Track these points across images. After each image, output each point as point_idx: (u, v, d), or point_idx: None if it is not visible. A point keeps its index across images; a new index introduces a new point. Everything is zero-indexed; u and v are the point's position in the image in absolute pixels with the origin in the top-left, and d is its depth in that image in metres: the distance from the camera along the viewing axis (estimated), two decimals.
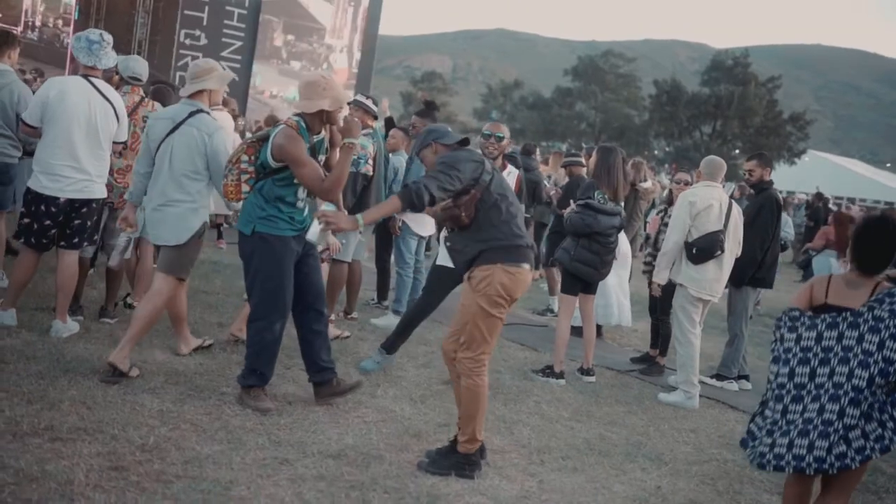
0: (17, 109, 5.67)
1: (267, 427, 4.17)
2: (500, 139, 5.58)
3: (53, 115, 5.04)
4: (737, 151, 52.20)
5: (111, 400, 4.21)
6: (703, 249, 5.91)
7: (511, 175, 5.65)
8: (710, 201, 6.02)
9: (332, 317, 6.49)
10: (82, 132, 5.12)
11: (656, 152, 53.52)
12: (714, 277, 5.98)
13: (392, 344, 5.54)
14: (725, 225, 6.04)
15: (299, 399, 4.68)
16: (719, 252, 5.93)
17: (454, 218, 3.95)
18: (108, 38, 5.32)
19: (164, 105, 6.21)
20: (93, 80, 5.21)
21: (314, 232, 4.01)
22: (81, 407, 4.04)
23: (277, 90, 17.11)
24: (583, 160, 8.35)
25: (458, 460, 3.95)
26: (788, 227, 12.37)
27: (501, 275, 3.85)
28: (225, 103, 9.70)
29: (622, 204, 6.34)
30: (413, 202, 3.77)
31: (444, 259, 5.24)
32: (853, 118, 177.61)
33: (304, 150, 4.30)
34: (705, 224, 5.96)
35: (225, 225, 10.32)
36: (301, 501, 3.42)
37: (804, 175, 42.79)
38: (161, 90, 6.77)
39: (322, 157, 4.52)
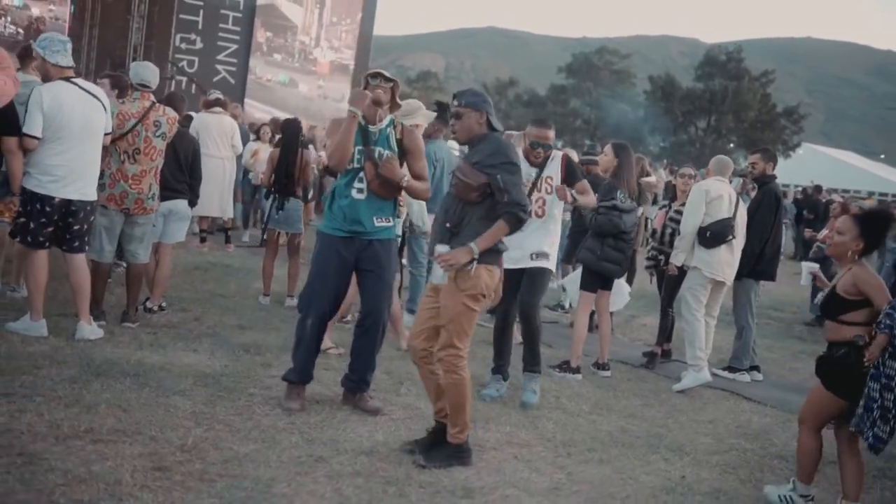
0: None
1: (298, 426, 4.26)
2: (548, 149, 5.41)
3: (52, 123, 5.07)
4: (731, 146, 52.40)
5: (145, 402, 4.29)
6: (716, 233, 6.28)
7: (555, 160, 5.46)
8: (721, 192, 6.43)
9: (349, 317, 6.57)
10: (80, 137, 5.20)
11: (651, 148, 53.66)
12: (725, 260, 6.35)
13: (499, 368, 5.43)
14: (734, 215, 6.43)
15: (326, 398, 4.76)
16: (731, 237, 6.32)
17: (468, 189, 3.96)
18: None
19: (176, 111, 6.29)
20: (74, 81, 5.26)
21: (439, 275, 4.03)
22: (117, 409, 4.12)
23: (271, 76, 19.35)
24: (598, 159, 8.43)
25: (452, 451, 4.03)
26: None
27: (485, 274, 3.99)
28: (224, 106, 9.81)
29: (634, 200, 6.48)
30: (522, 221, 3.97)
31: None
32: (844, 111, 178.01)
33: (333, 130, 4.54)
34: (718, 211, 6.34)
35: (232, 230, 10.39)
36: (341, 497, 3.51)
37: (800, 168, 42.89)
38: (174, 97, 6.85)
39: (378, 150, 4.45)
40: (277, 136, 10.53)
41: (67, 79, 5.21)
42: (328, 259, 4.53)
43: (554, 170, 5.43)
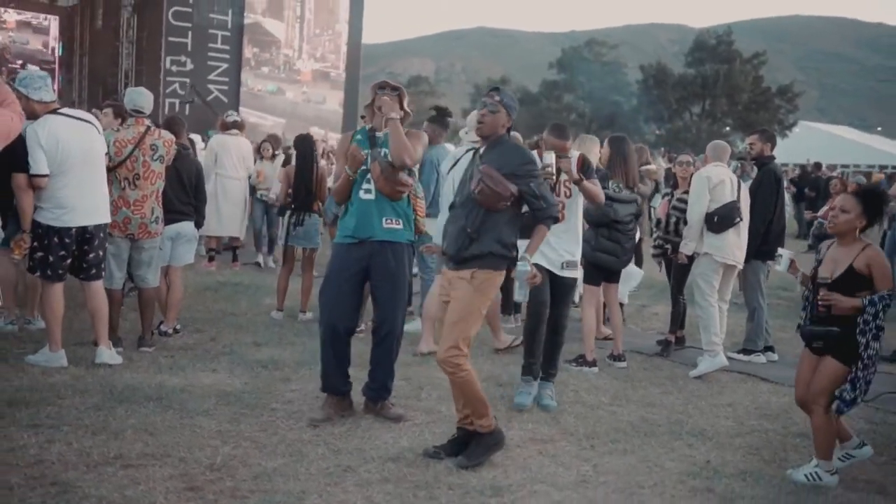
0: None
1: (323, 437, 4.30)
2: (565, 159, 5.25)
3: (54, 158, 5.11)
4: (727, 129, 52.43)
5: (170, 425, 4.33)
6: (723, 217, 6.32)
7: (571, 160, 5.29)
8: (722, 177, 6.49)
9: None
10: (84, 164, 5.25)
11: (647, 136, 53.68)
12: (735, 243, 6.40)
13: (530, 367, 5.27)
14: (738, 198, 6.48)
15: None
16: (738, 219, 6.37)
17: (498, 198, 3.97)
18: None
19: (175, 135, 6.32)
20: (62, 112, 5.30)
21: (521, 293, 4.09)
22: (144, 434, 4.16)
23: (261, 87, 20.64)
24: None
25: (489, 440, 4.09)
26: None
27: (499, 279, 4.09)
28: (241, 127, 9.95)
29: (636, 190, 6.50)
30: (555, 218, 4.21)
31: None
32: (837, 86, 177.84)
33: (341, 149, 4.67)
34: (722, 196, 6.39)
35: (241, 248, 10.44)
36: None
37: (797, 146, 42.84)
38: (173, 120, 6.89)
39: (384, 150, 4.51)
40: (278, 153, 10.65)
41: (55, 111, 5.25)
42: (339, 269, 4.58)
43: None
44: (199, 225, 6.65)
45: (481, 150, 4.22)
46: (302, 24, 21.56)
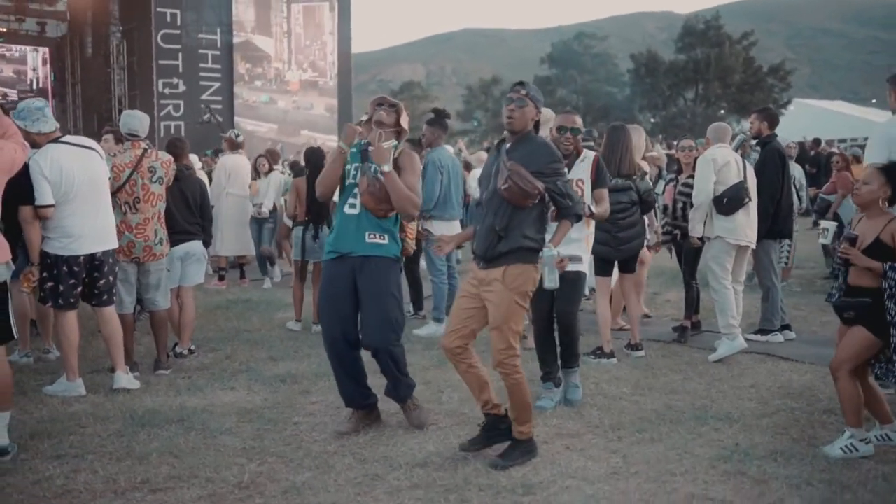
0: None
1: (349, 447, 4.27)
2: (577, 133, 5.20)
3: (58, 187, 5.09)
4: (722, 112, 52.39)
5: (194, 446, 4.30)
6: (732, 199, 6.29)
7: (586, 161, 5.28)
8: (727, 158, 6.46)
9: None
10: (89, 191, 5.23)
11: (643, 125, 53.63)
12: (745, 224, 6.38)
13: (549, 374, 5.15)
14: (745, 178, 6.45)
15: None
16: (747, 199, 6.34)
17: (526, 196, 3.93)
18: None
19: (175, 157, 6.29)
20: (64, 140, 5.28)
21: (552, 279, 4.08)
22: (169, 457, 4.13)
23: (255, 98, 21.55)
24: (592, 143, 8.43)
25: (525, 447, 4.09)
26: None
27: (533, 272, 4.04)
28: (242, 146, 10.02)
29: (634, 179, 6.36)
30: (580, 215, 4.30)
31: None
32: (828, 61, 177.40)
33: (330, 159, 4.64)
34: (728, 177, 6.37)
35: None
36: None
37: (793, 123, 42.67)
38: (174, 141, 6.87)
39: (374, 166, 4.44)
40: (276, 168, 10.64)
41: (56, 140, 5.23)
42: (327, 285, 4.56)
43: (584, 171, 5.24)
44: (206, 244, 6.62)
45: (507, 145, 4.13)
46: (290, 38, 22.34)
